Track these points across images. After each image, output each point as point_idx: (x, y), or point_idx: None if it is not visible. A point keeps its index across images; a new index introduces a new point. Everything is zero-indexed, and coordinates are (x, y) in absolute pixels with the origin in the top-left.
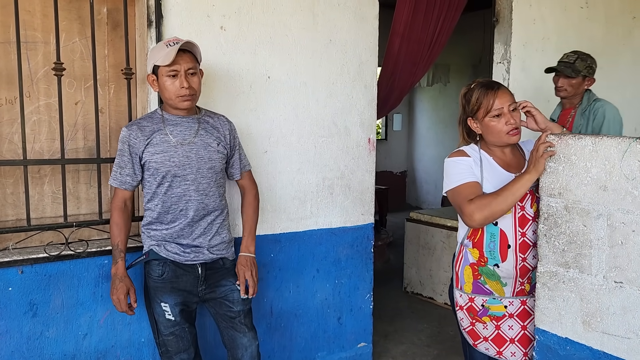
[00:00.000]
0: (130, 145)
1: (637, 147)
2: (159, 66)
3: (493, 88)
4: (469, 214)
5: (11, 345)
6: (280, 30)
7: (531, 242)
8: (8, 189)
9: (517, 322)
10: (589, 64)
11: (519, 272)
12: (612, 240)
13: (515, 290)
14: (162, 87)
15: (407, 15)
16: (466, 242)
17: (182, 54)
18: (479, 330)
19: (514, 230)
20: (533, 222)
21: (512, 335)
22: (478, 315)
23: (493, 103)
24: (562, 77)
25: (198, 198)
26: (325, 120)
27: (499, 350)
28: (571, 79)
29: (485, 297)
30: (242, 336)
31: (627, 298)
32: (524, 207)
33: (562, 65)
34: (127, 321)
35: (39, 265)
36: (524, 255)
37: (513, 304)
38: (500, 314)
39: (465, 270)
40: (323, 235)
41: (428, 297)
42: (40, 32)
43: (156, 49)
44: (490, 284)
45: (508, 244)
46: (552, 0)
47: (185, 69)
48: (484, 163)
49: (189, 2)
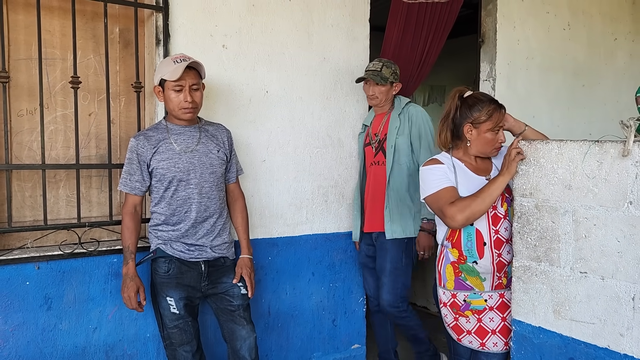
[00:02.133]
0: (138, 154)
1: (596, 149)
2: (165, 80)
3: (501, 107)
4: (451, 215)
5: (27, 336)
6: (277, 49)
7: (504, 239)
8: (27, 192)
9: (497, 314)
10: (393, 70)
11: (496, 267)
12: (577, 234)
13: (493, 284)
14: (167, 99)
15: (396, 36)
16: (446, 243)
17: (187, 71)
18: (462, 325)
19: (488, 228)
20: (504, 219)
21: (493, 327)
22: (461, 310)
23: (498, 120)
24: (372, 85)
25: (200, 200)
26: (320, 132)
27: (482, 342)
28: (381, 86)
29: (466, 293)
30: (241, 328)
31: (591, 286)
32: (495, 207)
33: (370, 73)
34: (134, 317)
35: (54, 261)
36: (499, 251)
37: (492, 297)
38: (481, 308)
39: (447, 269)
40: (318, 240)
41: (422, 306)
42: (59, 50)
43: (164, 63)
44: (470, 280)
45: (484, 241)
46: (535, 21)
47: (189, 85)
48: (457, 169)
49: (194, 22)
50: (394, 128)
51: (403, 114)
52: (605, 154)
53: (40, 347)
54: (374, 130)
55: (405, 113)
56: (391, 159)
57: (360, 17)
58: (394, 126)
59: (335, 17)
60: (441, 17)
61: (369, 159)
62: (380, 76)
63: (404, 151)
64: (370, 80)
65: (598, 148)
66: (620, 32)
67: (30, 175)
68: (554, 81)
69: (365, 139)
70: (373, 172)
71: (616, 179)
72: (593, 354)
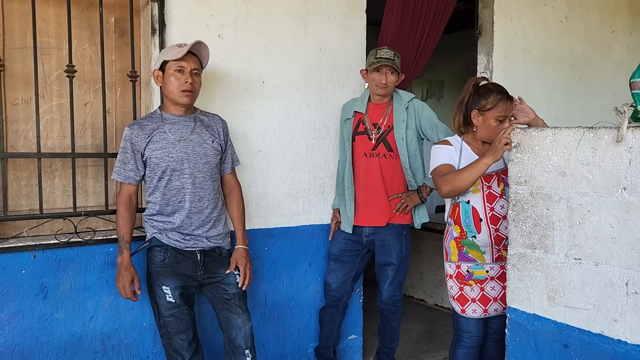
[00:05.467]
0: (132, 143)
1: (590, 136)
2: (167, 62)
3: (508, 98)
4: (439, 186)
5: (23, 324)
6: (273, 39)
7: (500, 216)
8: (22, 181)
9: (498, 284)
10: (400, 62)
11: (493, 240)
12: (572, 221)
13: (494, 256)
14: (167, 81)
15: (393, 27)
16: (449, 221)
17: (190, 55)
18: (467, 293)
19: (483, 206)
20: (500, 198)
21: (494, 295)
22: (465, 279)
23: (504, 110)
24: (388, 74)
25: (194, 191)
26: (317, 123)
27: (485, 309)
28: (394, 75)
29: (469, 264)
30: (237, 317)
31: (585, 273)
32: (490, 186)
33: (387, 60)
34: (130, 306)
35: (50, 250)
36: (495, 226)
37: (493, 268)
38: (483, 278)
39: (451, 244)
40: (314, 231)
41: (419, 299)
42: (54, 39)
43: (168, 48)
44: (472, 253)
45: (480, 217)
46: (532, 13)
47: (191, 68)
48: (463, 151)
49: (190, 12)
50: (401, 121)
51: (409, 108)
52: (600, 140)
53: (36, 335)
54: (372, 120)
55: (411, 107)
56: (405, 152)
57: (357, 8)
58: (401, 119)
59: (332, 7)
60: (438, 7)
61: (363, 149)
62: (396, 65)
63: (412, 145)
64: (385, 68)
65: (592, 134)
66: (617, 24)
67: (26, 164)
68: (551, 73)
69: (357, 127)
70: (366, 164)
71: (610, 165)
72: (587, 339)
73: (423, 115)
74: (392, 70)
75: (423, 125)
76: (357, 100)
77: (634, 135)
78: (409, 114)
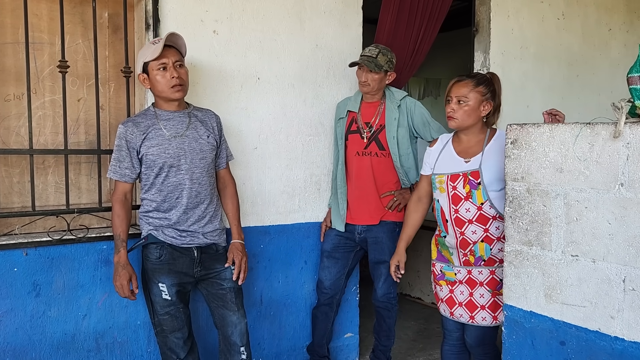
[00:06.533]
0: (127, 141)
1: (587, 132)
2: (148, 63)
3: (461, 79)
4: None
5: (15, 323)
6: (269, 35)
7: (465, 219)
8: (14, 178)
9: (466, 289)
10: (389, 59)
11: (459, 244)
12: (569, 217)
13: (460, 260)
14: (154, 82)
15: (389, 23)
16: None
17: (168, 49)
18: (438, 293)
19: (448, 207)
20: (465, 201)
21: (461, 300)
22: (437, 279)
23: (451, 91)
24: (365, 72)
25: (192, 186)
26: (313, 120)
27: (451, 311)
28: (374, 73)
29: (442, 264)
30: (232, 314)
31: (582, 270)
32: (455, 187)
33: (365, 59)
34: (124, 304)
35: (42, 248)
36: (461, 229)
37: (460, 272)
38: (452, 280)
39: (433, 241)
40: (310, 228)
41: (416, 297)
42: (47, 34)
43: (143, 49)
44: (444, 252)
45: (446, 218)
46: (529, 11)
47: (173, 61)
48: (445, 148)
49: (184, 7)
50: (392, 119)
51: (401, 106)
52: (597, 136)
53: (29, 333)
54: (364, 119)
55: (403, 105)
56: (396, 150)
57: (353, 4)
58: (393, 117)
59: (328, 3)
60: (435, 5)
61: (355, 148)
62: (374, 63)
63: (404, 144)
64: (364, 66)
65: (589, 130)
66: (614, 22)
67: (18, 160)
68: (548, 71)
69: (350, 126)
70: (358, 163)
71: (607, 160)
72: (584, 337)
73: (415, 113)
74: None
75: (415, 123)
76: (350, 99)
77: (632, 130)
78: (401, 112)
